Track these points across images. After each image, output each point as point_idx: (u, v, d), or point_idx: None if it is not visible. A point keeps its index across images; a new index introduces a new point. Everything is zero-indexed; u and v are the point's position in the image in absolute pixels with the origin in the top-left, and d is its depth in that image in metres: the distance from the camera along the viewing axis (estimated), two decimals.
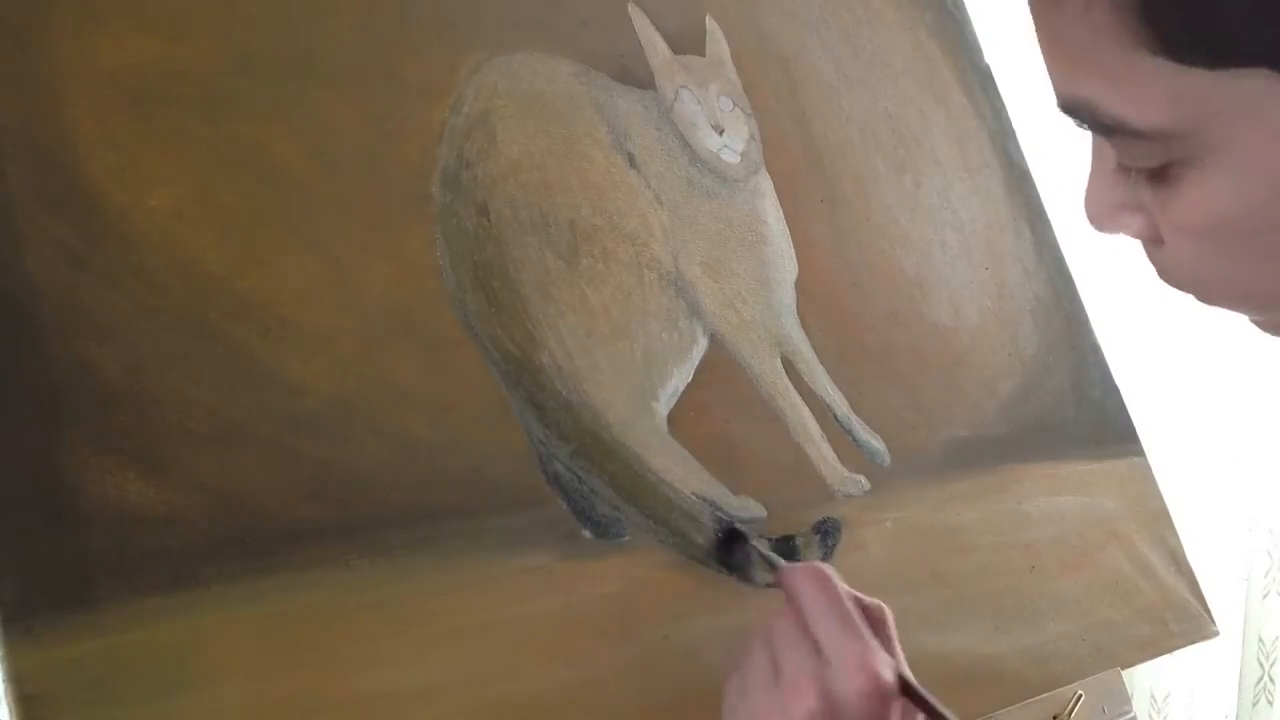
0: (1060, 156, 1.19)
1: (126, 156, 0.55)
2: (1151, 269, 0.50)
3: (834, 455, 0.77)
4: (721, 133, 0.80)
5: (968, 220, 0.97)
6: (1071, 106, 0.43)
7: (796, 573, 0.58)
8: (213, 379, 0.54)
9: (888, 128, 0.94)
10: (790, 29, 0.90)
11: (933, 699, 0.56)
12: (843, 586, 0.58)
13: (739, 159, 0.80)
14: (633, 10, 0.79)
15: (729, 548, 0.67)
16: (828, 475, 0.77)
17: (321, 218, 0.61)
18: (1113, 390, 1.01)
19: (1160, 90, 0.40)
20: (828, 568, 0.59)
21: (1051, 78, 0.44)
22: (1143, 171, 0.44)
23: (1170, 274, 0.48)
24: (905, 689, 0.56)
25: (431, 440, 0.60)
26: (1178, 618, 0.90)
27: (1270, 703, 1.71)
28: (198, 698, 0.49)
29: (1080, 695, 0.80)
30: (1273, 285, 0.45)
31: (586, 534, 0.64)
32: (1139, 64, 0.40)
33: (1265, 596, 1.71)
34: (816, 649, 0.55)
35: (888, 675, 0.54)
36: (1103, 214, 0.48)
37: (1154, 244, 0.48)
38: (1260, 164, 0.41)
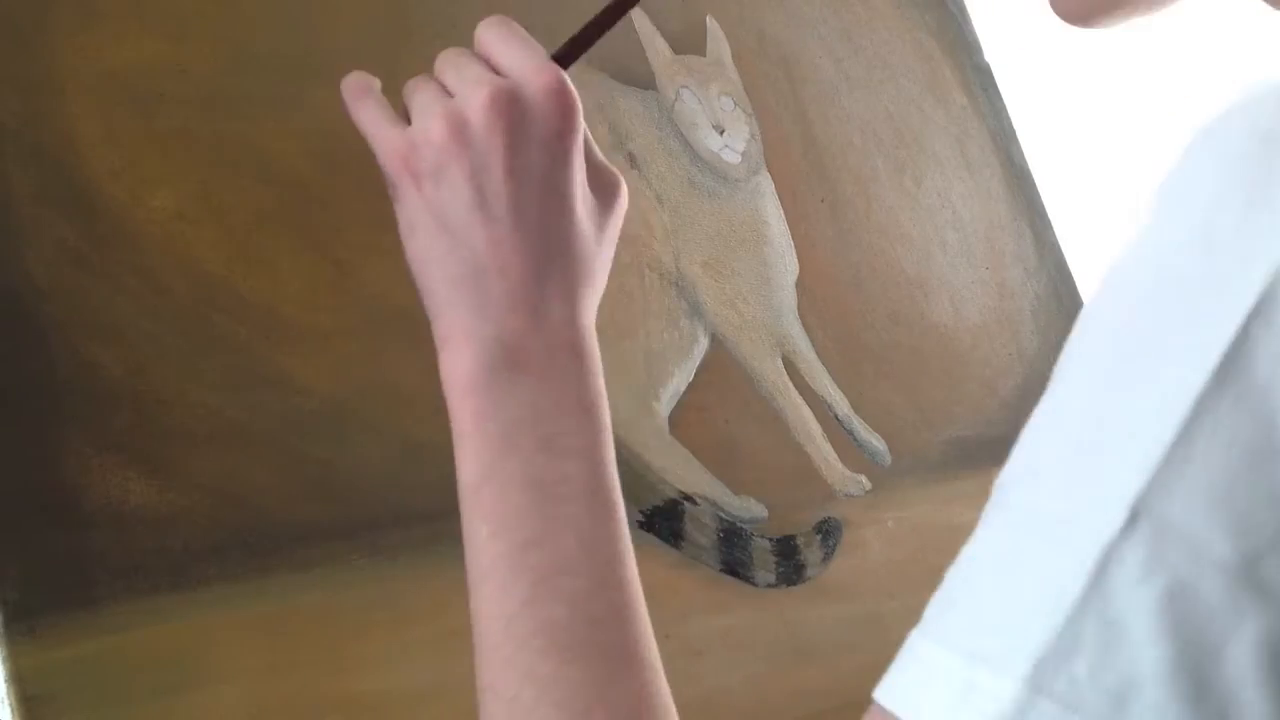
0: (1060, 156, 1.19)
1: (128, 156, 0.55)
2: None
3: (835, 455, 0.77)
4: (722, 132, 0.80)
5: (968, 220, 0.97)
6: None
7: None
8: (214, 379, 0.54)
9: (888, 127, 0.94)
10: (791, 29, 0.90)
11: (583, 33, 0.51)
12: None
13: (740, 159, 0.80)
14: (633, 10, 0.79)
15: None
16: (829, 475, 0.77)
17: (323, 218, 0.61)
18: None
19: None
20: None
21: None
22: None
23: None
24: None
25: (432, 440, 0.60)
26: None
27: None
28: (199, 697, 0.49)
29: None
30: None
31: None
32: None
33: None
34: (486, 65, 0.48)
35: (572, 86, 0.47)
36: None
37: None
38: None
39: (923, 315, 0.88)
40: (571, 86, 0.47)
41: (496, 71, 0.47)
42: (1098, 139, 1.49)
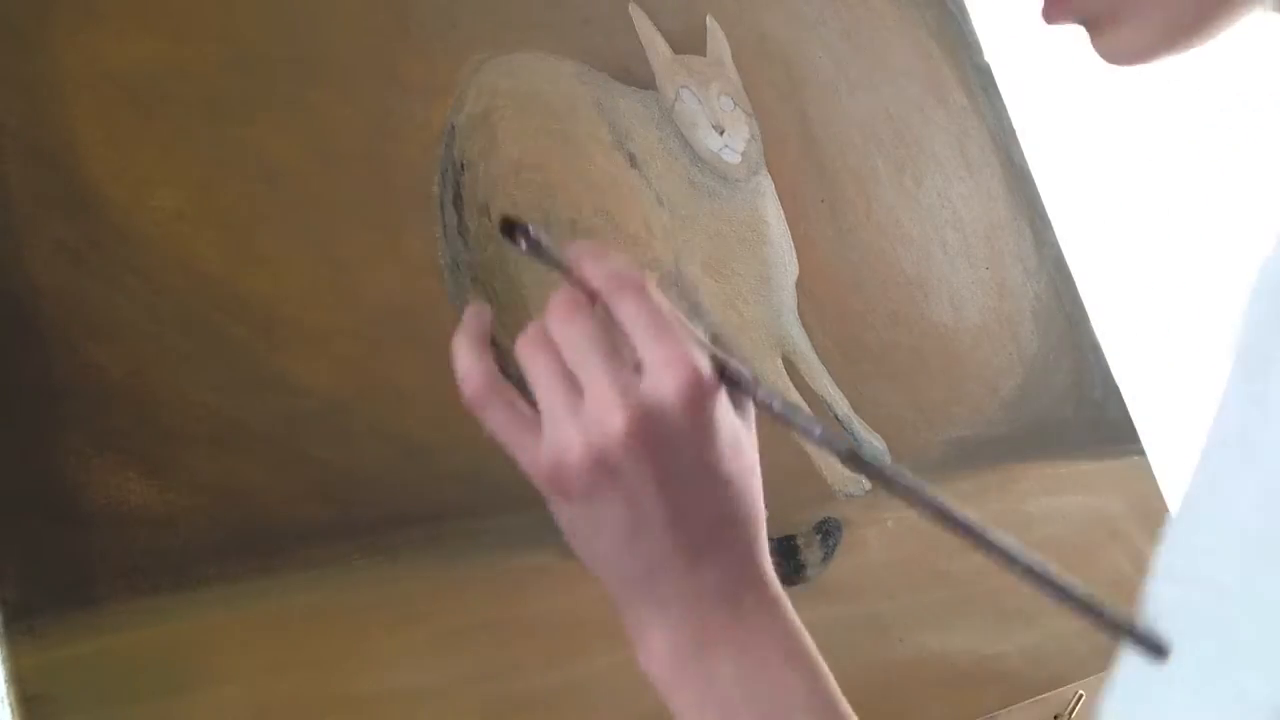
0: (1060, 156, 1.19)
1: (127, 157, 0.55)
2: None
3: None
4: (722, 132, 0.80)
5: (968, 220, 0.97)
6: None
7: (607, 269, 0.48)
8: (214, 379, 0.54)
9: (888, 127, 0.94)
10: (791, 29, 0.90)
11: (740, 366, 0.48)
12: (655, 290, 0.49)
13: (740, 159, 0.80)
14: (634, 10, 0.79)
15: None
16: (828, 475, 0.77)
17: (323, 218, 0.61)
18: (1113, 390, 1.01)
19: None
20: (640, 272, 0.49)
21: None
22: None
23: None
24: (723, 374, 0.48)
25: (432, 440, 0.60)
26: None
27: None
28: (199, 697, 0.49)
29: (1081, 695, 0.80)
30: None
31: None
32: None
33: None
34: (617, 354, 0.46)
35: (704, 364, 0.46)
36: None
37: None
38: None
39: (923, 315, 0.88)
40: (704, 372, 0.46)
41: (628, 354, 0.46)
42: (1098, 139, 1.49)
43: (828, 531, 0.74)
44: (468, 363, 0.48)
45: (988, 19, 1.11)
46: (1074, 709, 0.80)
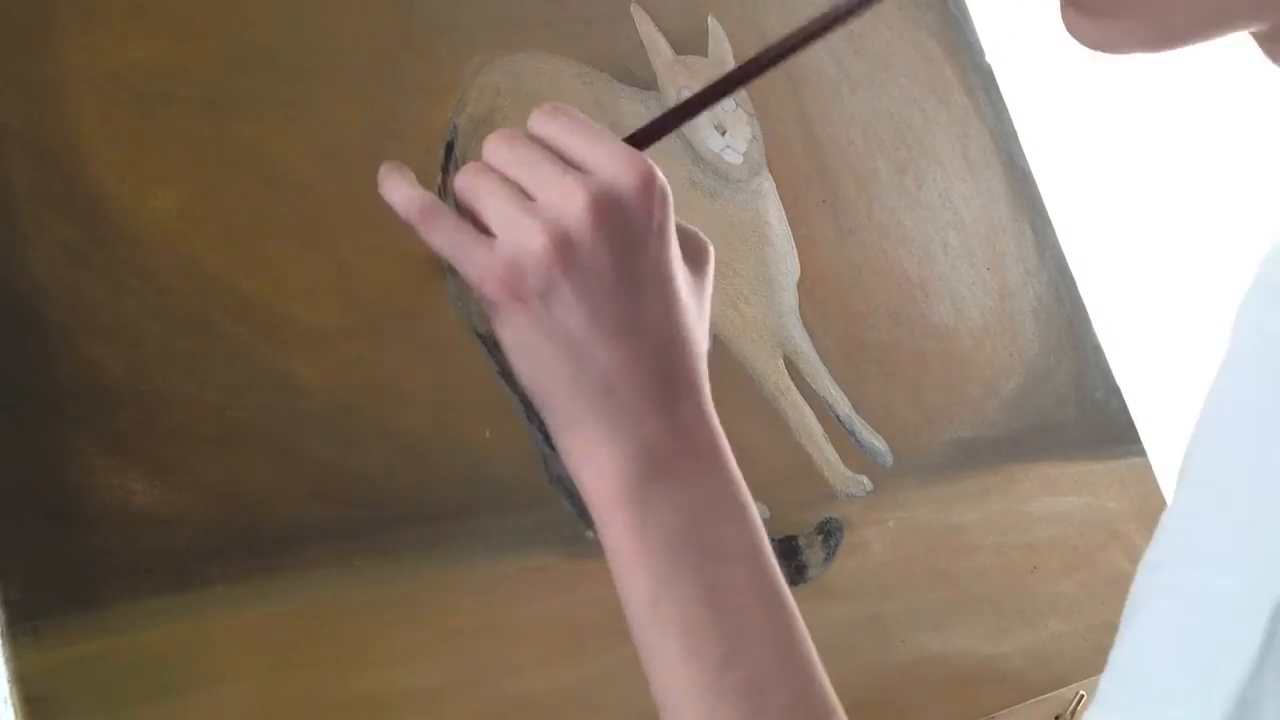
0: (1061, 157, 1.19)
1: (130, 157, 0.55)
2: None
3: (836, 455, 0.77)
4: (724, 133, 0.80)
5: (969, 220, 0.97)
6: None
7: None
8: (217, 379, 0.54)
9: (890, 128, 0.94)
10: (792, 29, 0.90)
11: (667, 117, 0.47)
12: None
13: (741, 159, 0.80)
14: (635, 11, 0.79)
15: None
16: (830, 476, 0.77)
17: (325, 218, 0.61)
18: (1114, 391, 1.01)
19: None
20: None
21: None
22: None
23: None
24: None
25: (435, 440, 0.60)
26: None
27: None
28: (202, 698, 0.49)
29: (1082, 695, 0.80)
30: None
31: (589, 534, 0.64)
32: None
33: None
34: (563, 161, 0.44)
35: (656, 169, 0.45)
36: None
37: None
38: None
39: (924, 316, 0.88)
40: (657, 171, 0.45)
41: (574, 167, 0.45)
42: (1099, 140, 1.49)
43: (829, 532, 0.74)
44: (405, 191, 0.46)
45: (989, 20, 1.11)
46: (1075, 709, 0.80)
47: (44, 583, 0.47)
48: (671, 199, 0.45)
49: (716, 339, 0.75)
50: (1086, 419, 0.97)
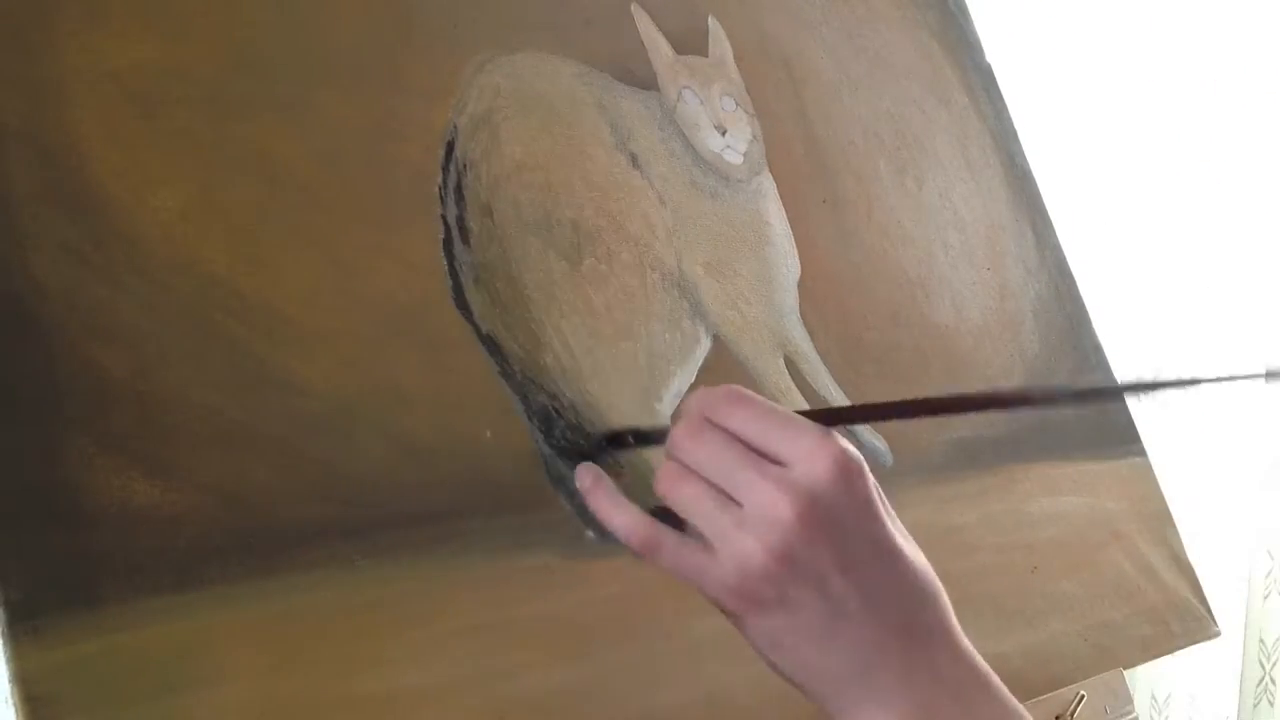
0: (1061, 156, 1.19)
1: (130, 157, 0.55)
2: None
3: None
4: (724, 133, 0.80)
5: (970, 220, 0.97)
6: None
7: (703, 395, 0.49)
8: (217, 379, 0.54)
9: (890, 128, 0.94)
10: (792, 29, 0.90)
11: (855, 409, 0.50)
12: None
13: (742, 159, 0.80)
14: (635, 11, 0.79)
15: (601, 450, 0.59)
16: None
17: (325, 218, 0.61)
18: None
19: None
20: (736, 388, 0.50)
21: None
22: None
23: None
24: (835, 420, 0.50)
25: (434, 441, 0.60)
26: (1179, 618, 0.90)
27: (1271, 704, 1.71)
28: (202, 697, 0.49)
29: (1082, 695, 0.80)
30: None
31: (589, 535, 0.64)
32: None
33: (1266, 597, 1.71)
34: (757, 456, 0.47)
35: (845, 443, 0.48)
36: None
37: None
38: None
39: (924, 316, 0.88)
40: (848, 448, 0.47)
41: (765, 455, 0.47)
42: (1099, 140, 1.49)
43: None
44: (623, 518, 0.51)
45: (989, 20, 1.11)
46: (1075, 709, 0.80)
47: (44, 583, 0.47)
48: (867, 469, 0.48)
49: (717, 339, 0.75)
50: (1086, 419, 0.96)
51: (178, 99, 0.58)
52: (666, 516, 0.51)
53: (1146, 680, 1.75)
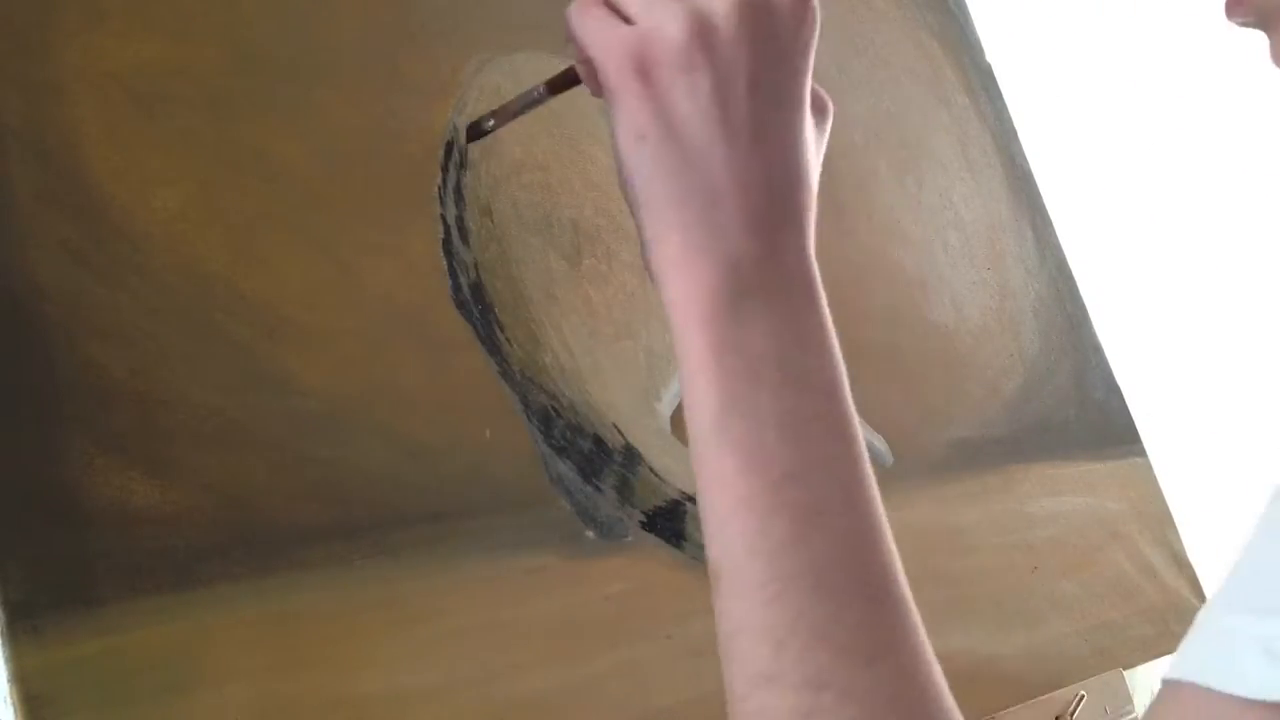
0: (1062, 157, 1.19)
1: (130, 157, 0.55)
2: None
3: None
4: None
5: (970, 220, 0.97)
6: None
7: None
8: (216, 379, 0.54)
9: (890, 128, 0.94)
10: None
11: None
12: None
13: None
14: None
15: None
16: None
17: (325, 218, 0.61)
18: (1115, 391, 1.01)
19: None
20: None
21: None
22: None
23: None
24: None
25: (434, 441, 0.60)
26: (1179, 618, 0.90)
27: None
28: (202, 697, 0.49)
29: (1082, 696, 0.80)
30: None
31: (590, 534, 0.64)
32: None
33: None
34: None
35: None
36: None
37: None
38: None
39: (924, 316, 0.88)
40: None
41: None
42: (1099, 140, 1.49)
43: None
44: None
45: (989, 20, 1.11)
46: (1075, 709, 0.80)
47: (43, 582, 0.47)
48: (819, 25, 0.44)
49: None
50: (1086, 419, 0.96)
51: (178, 99, 0.58)
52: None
53: (1146, 680, 1.75)
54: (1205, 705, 0.33)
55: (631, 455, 0.67)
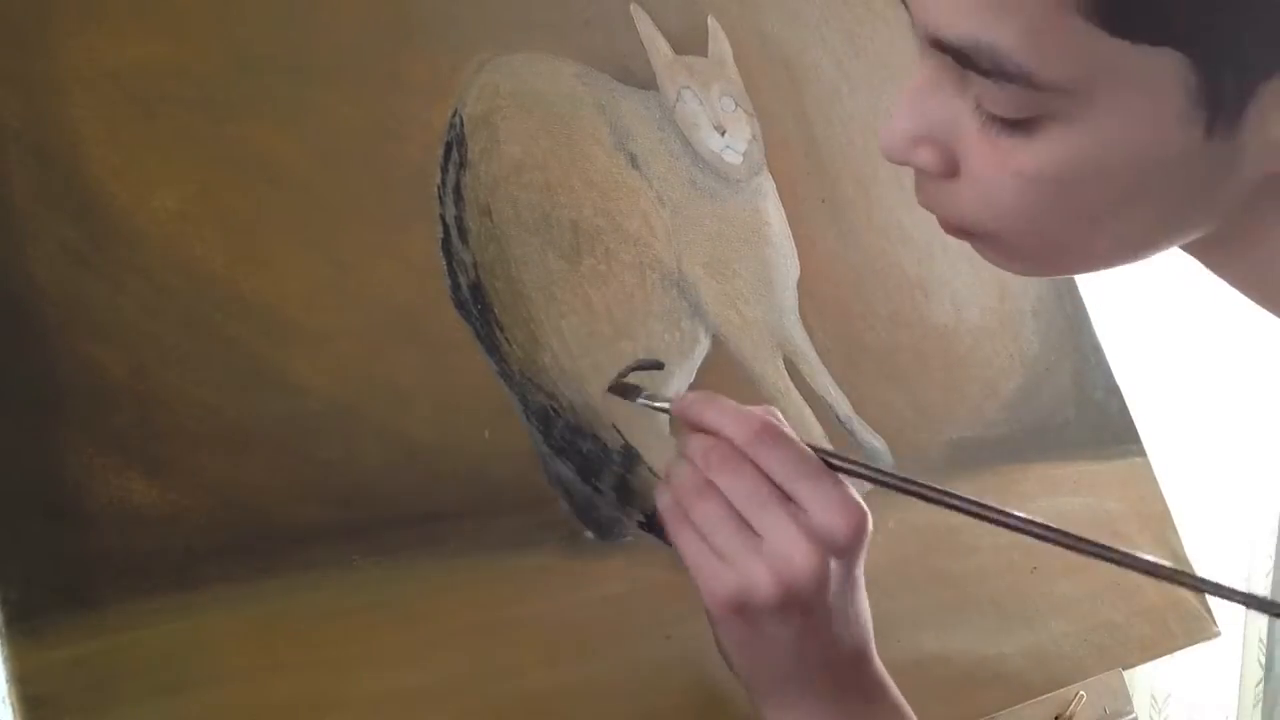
0: None
1: (130, 157, 0.56)
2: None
3: None
4: (724, 133, 0.80)
5: None
6: (965, 48, 0.41)
7: (737, 419, 0.54)
8: (216, 379, 0.54)
9: None
10: (792, 29, 0.90)
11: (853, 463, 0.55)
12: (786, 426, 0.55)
13: (741, 159, 0.80)
14: (635, 11, 0.79)
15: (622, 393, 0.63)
16: None
17: (324, 218, 0.61)
18: (1114, 391, 1.01)
19: (1078, 52, 0.40)
20: (769, 409, 0.56)
21: (942, 14, 0.41)
22: (996, 116, 0.43)
23: (966, 209, 0.47)
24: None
25: (433, 441, 0.60)
26: (1179, 618, 0.90)
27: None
28: (200, 697, 0.49)
29: (1082, 696, 0.80)
30: (1067, 239, 0.47)
31: (589, 535, 0.64)
32: (1065, 22, 0.39)
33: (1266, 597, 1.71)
34: (787, 500, 0.52)
35: (861, 503, 0.53)
36: (901, 145, 0.47)
37: (944, 178, 0.47)
38: (1132, 134, 0.42)
39: (924, 316, 0.88)
40: (866, 511, 0.54)
41: (790, 495, 0.52)
42: None
43: None
44: (663, 499, 0.56)
45: None
46: (1075, 709, 0.80)
47: (42, 582, 0.47)
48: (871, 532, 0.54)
49: (716, 339, 0.75)
50: (1086, 419, 0.96)
51: (177, 99, 0.58)
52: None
53: (1146, 680, 1.75)
54: None
55: (630, 455, 0.67)
